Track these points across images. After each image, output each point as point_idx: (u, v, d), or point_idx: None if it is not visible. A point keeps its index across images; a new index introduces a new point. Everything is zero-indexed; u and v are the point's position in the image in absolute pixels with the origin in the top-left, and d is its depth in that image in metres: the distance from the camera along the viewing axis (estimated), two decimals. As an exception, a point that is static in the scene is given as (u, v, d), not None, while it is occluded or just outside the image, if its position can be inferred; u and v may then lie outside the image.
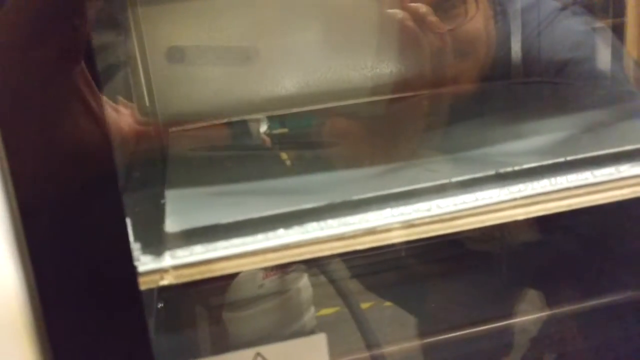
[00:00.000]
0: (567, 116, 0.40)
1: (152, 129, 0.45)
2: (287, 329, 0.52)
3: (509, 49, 0.55)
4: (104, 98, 0.40)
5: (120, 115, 0.42)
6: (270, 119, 0.47)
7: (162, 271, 0.22)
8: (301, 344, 0.23)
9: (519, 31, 0.55)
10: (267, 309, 0.51)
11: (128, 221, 0.23)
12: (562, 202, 0.26)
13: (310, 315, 0.55)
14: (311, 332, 0.55)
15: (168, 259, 0.22)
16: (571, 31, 0.53)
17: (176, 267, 0.22)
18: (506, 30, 0.55)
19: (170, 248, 0.23)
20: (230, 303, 0.50)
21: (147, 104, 0.45)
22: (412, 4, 0.47)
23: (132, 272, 0.20)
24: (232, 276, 0.52)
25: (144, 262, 0.22)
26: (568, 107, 0.43)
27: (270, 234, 0.23)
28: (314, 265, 0.57)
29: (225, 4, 0.44)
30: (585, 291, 0.50)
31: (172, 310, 0.47)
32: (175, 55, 0.43)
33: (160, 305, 0.44)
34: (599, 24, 0.52)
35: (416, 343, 0.51)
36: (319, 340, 0.23)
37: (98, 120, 0.36)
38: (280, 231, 0.24)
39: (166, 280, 0.22)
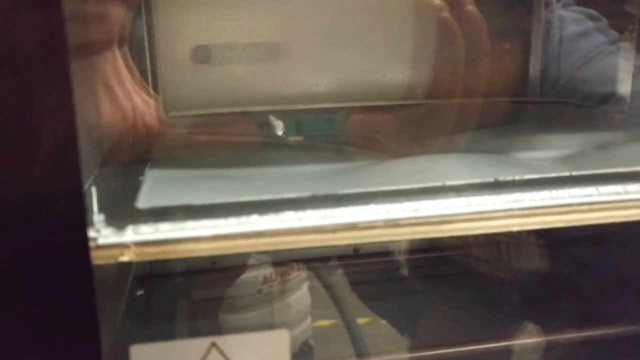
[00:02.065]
0: (581, 134, 0.38)
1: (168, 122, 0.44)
2: None
3: (527, 68, 0.54)
4: (135, 87, 0.39)
5: (147, 106, 0.41)
6: (286, 124, 0.46)
7: (122, 246, 0.21)
8: (261, 338, 0.22)
9: (558, 56, 0.53)
10: (263, 315, 0.51)
11: (93, 191, 0.22)
12: (562, 216, 0.24)
13: (306, 325, 0.54)
14: (305, 342, 0.53)
15: (130, 234, 0.21)
16: (616, 67, 0.51)
17: (138, 244, 0.21)
18: (547, 54, 0.53)
19: (134, 223, 0.21)
20: (227, 304, 0.49)
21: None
22: None
23: (84, 244, 0.18)
24: (221, 273, 0.52)
25: (105, 235, 0.21)
26: (584, 126, 0.42)
27: (243, 219, 0.22)
28: (314, 274, 0.56)
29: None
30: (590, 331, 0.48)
31: (155, 299, 0.45)
32: (201, 54, 0.42)
33: (140, 292, 0.42)
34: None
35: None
36: (281, 337, 0.22)
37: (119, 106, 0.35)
38: (254, 217, 0.22)
39: (126, 257, 0.21)
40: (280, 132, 0.46)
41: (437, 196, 0.24)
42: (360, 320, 0.56)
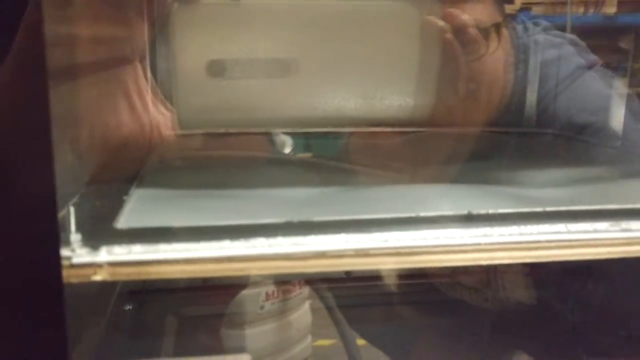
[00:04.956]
0: (566, 170, 0.39)
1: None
2: (280, 354, 0.51)
3: (524, 99, 0.54)
4: (153, 100, 0.41)
5: (164, 118, 0.43)
6: (295, 139, 0.47)
7: (96, 266, 0.21)
8: (223, 361, 0.22)
9: (536, 82, 0.54)
10: (265, 332, 0.51)
11: (72, 211, 0.23)
12: (531, 252, 0.25)
13: (306, 343, 0.55)
14: None
15: (104, 255, 0.22)
16: (596, 94, 0.51)
17: (112, 264, 0.22)
18: (524, 80, 0.54)
19: (109, 244, 0.22)
20: (229, 320, 0.49)
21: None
22: (453, 10, 0.46)
23: (56, 263, 0.19)
24: (215, 290, 0.52)
25: (79, 255, 0.21)
26: (570, 161, 0.42)
27: (215, 244, 0.23)
28: (316, 293, 0.56)
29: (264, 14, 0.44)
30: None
31: (145, 314, 0.46)
32: (215, 69, 0.43)
33: (128, 307, 0.43)
34: (623, 87, 0.51)
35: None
36: (243, 361, 0.22)
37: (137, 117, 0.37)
38: (226, 242, 0.23)
39: (99, 276, 0.22)
40: (289, 149, 0.47)
41: (409, 227, 0.25)
42: (360, 342, 0.56)
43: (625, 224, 0.25)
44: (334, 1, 0.44)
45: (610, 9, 0.59)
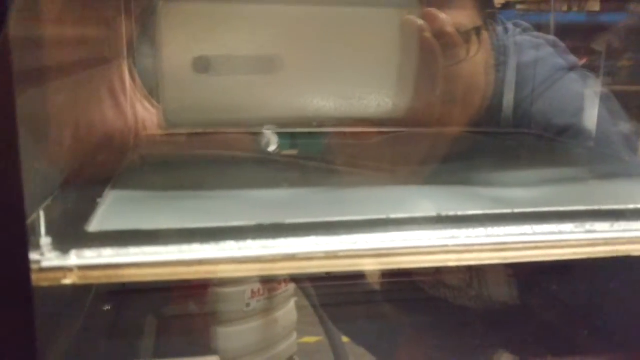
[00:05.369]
0: (541, 171, 0.39)
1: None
2: (266, 351, 0.51)
3: (503, 100, 0.55)
4: (137, 96, 0.41)
5: (149, 114, 0.43)
6: (281, 137, 0.47)
7: (65, 269, 0.22)
8: (192, 363, 0.23)
9: (514, 84, 0.54)
10: (251, 329, 0.51)
11: (42, 215, 0.23)
12: (498, 254, 0.25)
13: (291, 341, 0.55)
14: (290, 358, 0.54)
15: (74, 258, 0.22)
16: (576, 96, 0.52)
17: (81, 268, 0.22)
18: (503, 81, 0.54)
19: (79, 247, 0.22)
20: (213, 317, 0.50)
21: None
22: (432, 9, 0.46)
23: (25, 267, 0.19)
24: (195, 289, 0.52)
25: (49, 258, 0.22)
26: (545, 163, 0.43)
27: (185, 247, 0.23)
28: (301, 291, 0.56)
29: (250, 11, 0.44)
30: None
31: (125, 314, 0.46)
32: (201, 65, 0.43)
33: (107, 308, 0.43)
34: (602, 88, 0.51)
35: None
36: (211, 362, 0.23)
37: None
38: (196, 246, 0.23)
39: (69, 280, 0.22)
40: (274, 147, 0.47)
41: (379, 229, 0.25)
42: (346, 339, 0.56)
43: (589, 225, 0.26)
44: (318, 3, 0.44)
45: (594, 7, 0.59)
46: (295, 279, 0.56)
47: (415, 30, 0.45)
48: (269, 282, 0.54)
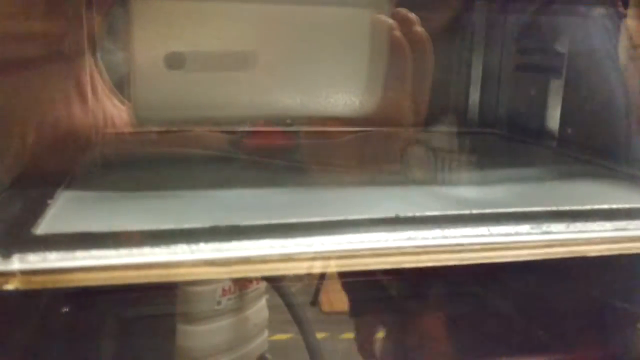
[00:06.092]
0: (503, 170, 0.40)
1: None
2: (236, 350, 0.51)
3: (469, 99, 0.55)
4: (105, 92, 0.40)
5: (119, 112, 0.42)
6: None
7: (7, 274, 0.21)
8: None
9: (478, 83, 0.55)
10: (221, 327, 0.51)
11: (-17, 217, 0.22)
12: (454, 255, 0.25)
13: (262, 338, 0.55)
14: (261, 356, 0.53)
15: (16, 263, 0.21)
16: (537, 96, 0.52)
17: (25, 272, 0.21)
18: (468, 80, 0.55)
19: (23, 251, 0.21)
20: (184, 315, 0.49)
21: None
22: (401, 8, 0.46)
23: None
24: (161, 288, 0.51)
25: (-10, 263, 0.21)
26: (508, 162, 0.43)
27: (135, 250, 0.22)
28: (273, 288, 0.56)
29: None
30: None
31: (82, 317, 0.45)
32: (175, 61, 0.42)
33: (65, 310, 0.42)
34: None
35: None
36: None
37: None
38: (146, 249, 0.22)
39: (11, 285, 0.21)
40: None
41: (335, 231, 0.25)
42: (320, 335, 0.56)
43: (546, 227, 0.26)
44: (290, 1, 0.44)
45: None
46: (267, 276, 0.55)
47: (385, 29, 0.45)
48: (240, 280, 0.53)
